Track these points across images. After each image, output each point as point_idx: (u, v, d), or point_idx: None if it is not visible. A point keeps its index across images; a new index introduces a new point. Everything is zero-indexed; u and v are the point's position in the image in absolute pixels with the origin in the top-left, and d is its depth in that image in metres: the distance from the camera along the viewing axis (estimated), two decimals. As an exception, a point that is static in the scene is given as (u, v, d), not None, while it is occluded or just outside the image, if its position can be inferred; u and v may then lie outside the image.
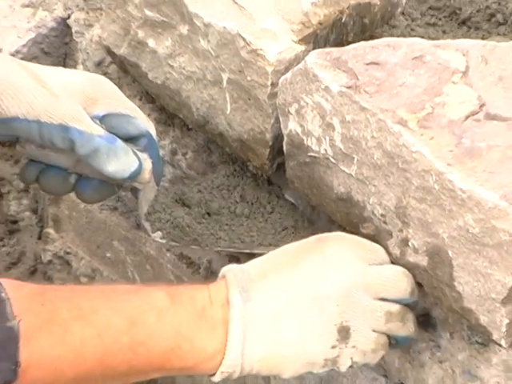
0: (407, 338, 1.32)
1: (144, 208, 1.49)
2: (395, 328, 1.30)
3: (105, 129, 1.42)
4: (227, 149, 1.54)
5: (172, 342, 1.23)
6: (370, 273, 1.29)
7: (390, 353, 1.42)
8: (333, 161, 1.35)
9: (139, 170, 1.42)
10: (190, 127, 1.60)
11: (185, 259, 1.62)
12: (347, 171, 1.34)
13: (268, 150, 1.47)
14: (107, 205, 1.69)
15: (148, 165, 1.44)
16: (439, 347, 1.38)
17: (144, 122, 1.46)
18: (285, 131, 1.41)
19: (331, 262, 1.29)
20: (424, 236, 1.28)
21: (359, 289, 1.28)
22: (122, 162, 1.41)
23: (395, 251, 1.32)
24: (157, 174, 1.47)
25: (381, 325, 1.28)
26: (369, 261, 1.31)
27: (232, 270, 1.28)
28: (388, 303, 1.29)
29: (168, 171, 1.59)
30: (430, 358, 1.39)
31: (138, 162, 1.42)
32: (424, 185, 1.25)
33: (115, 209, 1.68)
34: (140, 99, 1.56)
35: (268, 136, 1.45)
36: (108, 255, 1.73)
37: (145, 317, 1.22)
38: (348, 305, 1.27)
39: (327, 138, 1.35)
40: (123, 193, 1.59)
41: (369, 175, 1.31)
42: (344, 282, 1.28)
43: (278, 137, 1.44)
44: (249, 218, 1.50)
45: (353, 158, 1.32)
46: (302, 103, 1.36)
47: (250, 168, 1.53)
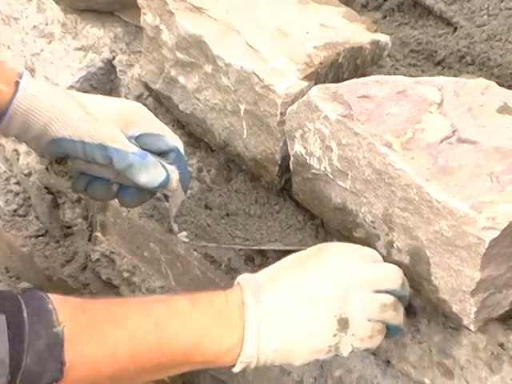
0: (398, 328, 1.30)
1: (173, 211, 1.49)
2: (389, 317, 1.28)
3: (139, 146, 1.43)
4: (244, 167, 1.55)
5: (194, 340, 1.22)
6: (365, 270, 1.28)
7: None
8: (331, 177, 1.36)
9: (167, 180, 1.43)
10: (213, 149, 1.60)
11: (208, 257, 1.62)
12: (343, 185, 1.34)
13: (277, 168, 1.47)
14: (145, 213, 1.69)
15: (175, 175, 1.44)
16: (419, 331, 1.38)
17: (172, 139, 1.47)
18: (291, 152, 1.41)
19: (329, 265, 1.28)
20: (406, 239, 1.28)
21: (355, 285, 1.26)
22: (152, 174, 1.42)
23: (382, 251, 1.33)
24: (184, 183, 1.47)
25: (376, 314, 1.26)
26: (363, 261, 1.29)
27: (245, 278, 1.28)
28: (382, 295, 1.27)
29: (195, 185, 1.59)
30: (411, 340, 1.39)
31: (166, 174, 1.42)
32: (406, 196, 1.25)
33: (152, 216, 1.68)
34: (172, 126, 1.56)
35: (277, 156, 1.46)
36: (145, 254, 1.74)
37: (169, 320, 1.21)
38: (345, 299, 1.25)
39: (326, 158, 1.35)
40: (158, 202, 1.59)
41: (361, 188, 1.32)
42: (341, 280, 1.26)
43: (286, 157, 1.44)
44: (260, 218, 1.50)
45: (347, 175, 1.33)
46: (306, 129, 1.37)
47: (263, 183, 1.53)
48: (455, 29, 1.72)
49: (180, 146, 1.48)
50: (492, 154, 1.26)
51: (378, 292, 1.27)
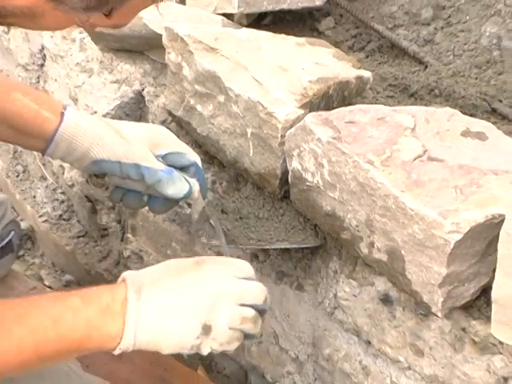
0: (254, 336, 1.28)
1: (195, 216, 1.48)
2: (247, 328, 1.25)
3: (165, 163, 1.44)
4: (250, 180, 1.54)
5: (85, 332, 1.19)
6: (235, 285, 1.25)
7: (361, 320, 1.43)
8: (322, 188, 1.35)
9: (190, 192, 1.42)
10: (225, 165, 1.60)
11: (220, 255, 1.61)
12: (332, 196, 1.34)
13: (278, 181, 1.47)
14: (168, 218, 1.69)
15: (196, 187, 1.44)
16: (395, 317, 1.37)
17: (192, 156, 1.47)
18: (290, 168, 1.41)
19: (204, 277, 1.25)
20: (385, 240, 1.28)
21: (224, 297, 1.23)
22: (177, 187, 1.42)
23: (365, 251, 1.32)
24: (203, 193, 1.47)
25: (236, 325, 1.24)
26: (236, 275, 1.26)
27: (130, 276, 1.24)
28: (245, 309, 1.24)
29: (210, 195, 1.59)
30: (389, 325, 1.39)
31: (189, 186, 1.42)
32: (385, 205, 1.25)
33: (174, 220, 1.68)
34: (191, 145, 1.56)
35: (278, 171, 1.45)
36: (168, 252, 1.74)
37: (64, 317, 1.18)
38: (213, 309, 1.22)
39: (319, 173, 1.35)
40: (179, 209, 1.59)
41: (347, 198, 1.31)
42: (212, 292, 1.23)
43: (285, 172, 1.44)
44: (268, 220, 1.49)
45: (336, 187, 1.32)
46: (302, 149, 1.37)
47: (266, 193, 1.53)
48: (426, 67, 1.73)
49: (199, 162, 1.48)
50: (456, 171, 1.26)
51: (243, 305, 1.25)
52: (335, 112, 1.38)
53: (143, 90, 1.75)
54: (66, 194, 2.01)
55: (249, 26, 1.71)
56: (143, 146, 1.44)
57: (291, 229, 1.48)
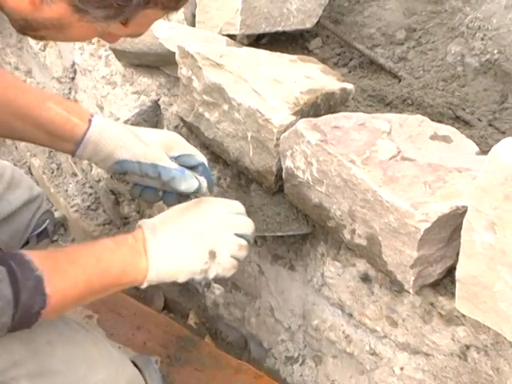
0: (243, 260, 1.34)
1: None
2: (241, 254, 1.31)
3: (178, 164, 1.43)
4: (250, 176, 1.53)
5: (122, 267, 1.24)
6: (229, 217, 1.31)
7: (344, 295, 1.42)
8: (311, 184, 1.35)
9: (199, 187, 1.42)
10: (229, 164, 1.59)
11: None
12: (320, 190, 1.33)
13: (274, 177, 1.46)
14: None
15: (204, 183, 1.44)
16: (373, 293, 1.37)
17: (200, 157, 1.47)
18: (284, 166, 1.40)
19: (204, 212, 1.31)
20: (365, 228, 1.27)
21: (223, 227, 1.29)
22: (189, 184, 1.41)
23: (348, 237, 1.32)
24: (210, 188, 1.47)
25: (234, 252, 1.30)
26: (230, 211, 1.32)
27: (145, 222, 1.29)
28: (240, 238, 1.30)
29: (215, 189, 1.58)
30: (368, 300, 1.38)
31: (198, 183, 1.42)
32: (365, 198, 1.24)
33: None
34: (200, 147, 1.55)
35: (274, 169, 1.44)
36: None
37: (104, 256, 1.23)
38: (216, 238, 1.28)
39: (308, 170, 1.34)
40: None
41: (332, 192, 1.31)
42: (212, 223, 1.29)
43: (280, 169, 1.43)
44: (265, 211, 1.49)
45: (323, 182, 1.32)
46: (294, 150, 1.36)
47: (263, 187, 1.52)
48: (400, 80, 1.72)
49: (205, 162, 1.47)
50: (426, 168, 1.26)
51: (237, 235, 1.30)
52: (322, 118, 1.37)
53: (159, 100, 1.74)
54: (94, 188, 2.00)
55: (249, 45, 1.71)
56: (159, 149, 1.44)
57: (285, 218, 1.48)
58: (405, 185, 1.22)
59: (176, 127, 1.70)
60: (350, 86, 1.51)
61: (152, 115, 1.76)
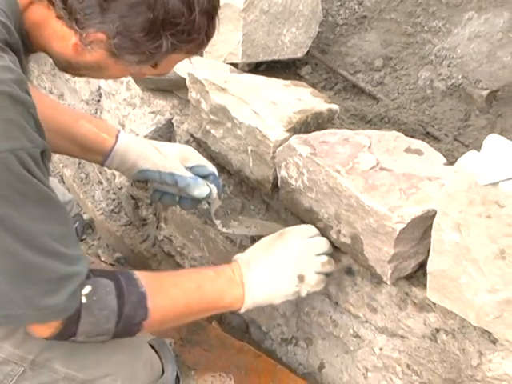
0: (332, 272, 1.32)
1: (213, 211, 1.47)
2: (326, 269, 1.29)
3: (192, 173, 1.44)
4: (250, 184, 1.52)
5: (219, 295, 1.23)
6: (309, 242, 1.29)
7: (331, 286, 1.41)
8: (303, 190, 1.34)
9: (210, 194, 1.43)
10: (232, 173, 1.58)
11: (229, 239, 1.61)
12: (310, 196, 1.32)
13: (270, 185, 1.45)
14: (190, 212, 1.67)
15: (214, 190, 1.44)
16: (356, 284, 1.36)
17: (211, 168, 1.47)
18: (279, 175, 1.39)
19: (288, 242, 1.28)
20: (349, 228, 1.26)
21: (305, 252, 1.27)
22: (201, 190, 1.42)
23: (334, 236, 1.31)
24: (219, 194, 1.47)
25: (319, 269, 1.28)
26: (308, 235, 1.30)
27: (240, 258, 1.28)
28: (321, 257, 1.28)
29: (222, 195, 1.57)
30: (351, 290, 1.37)
31: (209, 190, 1.43)
32: (349, 202, 1.23)
33: (194, 213, 1.67)
34: (208, 159, 1.54)
35: (270, 178, 1.43)
36: (191, 237, 1.72)
37: (205, 283, 1.23)
38: (302, 263, 1.26)
39: (300, 179, 1.33)
40: (198, 206, 1.58)
41: (321, 198, 1.30)
42: (297, 251, 1.27)
43: (276, 178, 1.42)
44: (265, 215, 1.49)
45: (313, 189, 1.31)
46: (288, 161, 1.35)
47: (261, 194, 1.51)
48: (378, 101, 1.72)
49: (216, 172, 1.48)
50: (401, 178, 1.25)
51: (318, 255, 1.28)
52: (312, 134, 1.36)
53: (172, 119, 1.73)
54: (117, 194, 1.99)
55: (249, 72, 1.71)
56: (176, 160, 1.44)
57: (280, 220, 1.47)
58: (383, 191, 1.22)
59: (187, 142, 1.69)
60: (336, 107, 1.50)
61: (166, 132, 1.75)
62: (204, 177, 1.45)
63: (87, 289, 1.08)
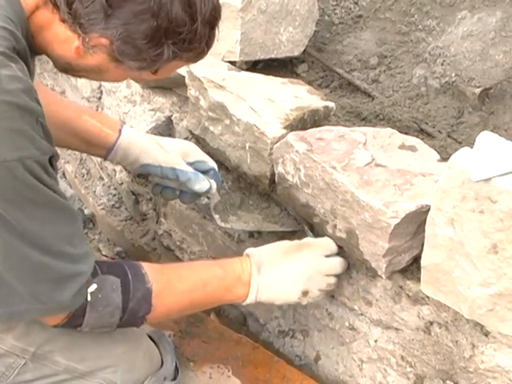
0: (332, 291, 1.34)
1: (212, 206, 1.48)
2: (329, 289, 1.30)
3: (193, 168, 1.44)
4: (248, 180, 1.52)
5: (224, 292, 1.25)
6: (324, 262, 1.28)
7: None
8: (299, 186, 1.33)
9: (209, 188, 1.43)
10: (230, 169, 1.57)
11: (227, 233, 1.60)
12: (306, 191, 1.32)
13: (268, 181, 1.44)
14: (189, 207, 1.67)
15: (214, 185, 1.45)
16: (351, 277, 1.36)
17: (212, 163, 1.47)
18: (276, 171, 1.39)
19: (303, 258, 1.27)
20: (344, 223, 1.26)
21: (317, 271, 1.27)
22: (201, 185, 1.42)
23: (330, 231, 1.31)
24: (218, 189, 1.47)
25: (324, 288, 1.29)
26: (325, 253, 1.29)
27: (254, 255, 1.27)
28: (330, 278, 1.29)
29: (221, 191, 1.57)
30: (347, 283, 1.37)
31: (209, 184, 1.43)
32: (344, 198, 1.23)
33: (193, 209, 1.66)
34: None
35: (268, 174, 1.43)
36: (190, 231, 1.71)
37: (212, 281, 1.24)
38: (309, 281, 1.27)
39: (297, 175, 1.33)
40: (198, 201, 1.57)
41: (317, 193, 1.30)
42: (309, 269, 1.27)
43: (273, 174, 1.42)
44: (263, 209, 1.48)
45: (309, 185, 1.31)
46: (285, 158, 1.35)
47: (259, 189, 1.51)
48: (373, 99, 1.72)
49: (216, 167, 1.48)
50: (395, 173, 1.25)
51: (328, 276, 1.28)
52: (309, 131, 1.36)
53: (172, 116, 1.73)
54: (117, 190, 1.99)
55: (247, 70, 1.70)
56: (177, 155, 1.44)
57: (278, 214, 1.47)
58: (378, 187, 1.21)
59: (186, 139, 1.69)
60: (332, 104, 1.49)
61: (166, 129, 1.74)
62: (204, 172, 1.45)
63: (93, 287, 1.10)
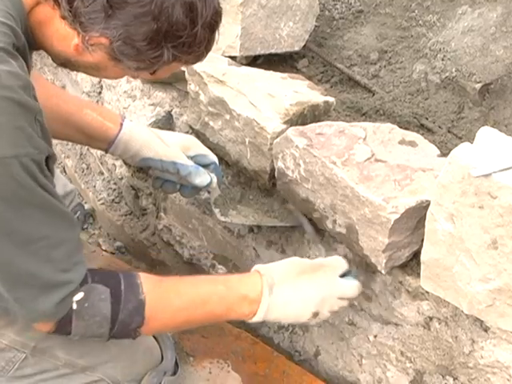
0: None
1: (212, 200, 1.47)
2: (341, 311, 1.27)
3: (193, 162, 1.44)
4: (247, 175, 1.51)
5: (225, 312, 1.19)
6: (338, 285, 1.23)
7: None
8: (299, 181, 1.33)
9: (210, 182, 1.43)
10: (230, 164, 1.57)
11: (227, 228, 1.60)
12: (306, 186, 1.32)
13: (267, 176, 1.44)
14: (189, 201, 1.67)
15: (215, 179, 1.44)
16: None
17: (213, 157, 1.47)
18: (276, 166, 1.39)
19: (318, 280, 1.22)
20: (344, 218, 1.26)
21: (330, 295, 1.22)
22: (202, 178, 1.42)
23: (330, 226, 1.30)
24: (219, 183, 1.46)
25: (334, 310, 1.23)
26: (339, 274, 1.24)
27: (264, 274, 1.21)
28: (343, 301, 1.24)
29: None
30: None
31: (210, 178, 1.42)
32: (344, 193, 1.23)
33: (193, 203, 1.66)
34: (206, 151, 1.53)
35: (268, 169, 1.43)
36: (190, 226, 1.71)
37: (211, 299, 1.18)
38: (321, 303, 1.21)
39: (297, 170, 1.33)
40: (197, 196, 1.57)
41: (317, 188, 1.29)
42: (323, 292, 1.22)
43: (273, 169, 1.41)
44: (263, 204, 1.48)
45: (309, 180, 1.30)
46: (285, 153, 1.34)
47: (259, 184, 1.50)
48: (373, 94, 1.71)
49: (216, 161, 1.47)
50: (395, 169, 1.25)
51: (341, 299, 1.24)
52: (309, 126, 1.36)
53: (172, 111, 1.72)
54: (117, 185, 1.98)
55: (247, 65, 1.69)
56: (178, 149, 1.44)
57: (277, 210, 1.46)
58: (378, 182, 1.21)
59: (186, 133, 1.68)
60: (332, 99, 1.49)
61: (166, 123, 1.73)
62: (205, 166, 1.45)
63: (79, 295, 1.06)
